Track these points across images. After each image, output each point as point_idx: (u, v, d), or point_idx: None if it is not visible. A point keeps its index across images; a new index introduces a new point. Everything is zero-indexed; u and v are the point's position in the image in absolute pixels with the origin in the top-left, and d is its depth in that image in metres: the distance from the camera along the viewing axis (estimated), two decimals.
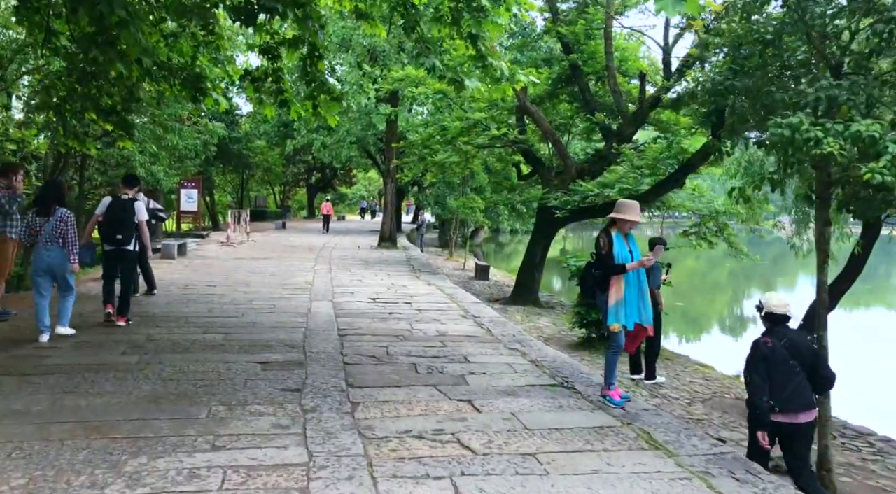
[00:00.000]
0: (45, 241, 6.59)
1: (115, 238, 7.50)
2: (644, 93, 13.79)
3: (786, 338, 4.49)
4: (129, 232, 7.57)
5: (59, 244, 6.61)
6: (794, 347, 4.45)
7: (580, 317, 10.34)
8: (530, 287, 14.74)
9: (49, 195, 6.85)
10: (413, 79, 14.80)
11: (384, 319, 8.49)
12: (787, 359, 4.41)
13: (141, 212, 7.85)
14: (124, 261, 7.72)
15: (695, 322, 18.98)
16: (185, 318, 8.13)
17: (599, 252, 5.08)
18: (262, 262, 15.60)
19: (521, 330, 8.17)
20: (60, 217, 6.64)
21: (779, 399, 4.40)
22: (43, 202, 6.74)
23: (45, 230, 6.59)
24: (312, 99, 9.21)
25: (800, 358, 4.44)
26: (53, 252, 6.61)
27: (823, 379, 4.56)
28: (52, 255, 6.61)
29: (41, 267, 6.62)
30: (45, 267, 6.62)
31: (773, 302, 4.66)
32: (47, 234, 6.59)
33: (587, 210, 13.69)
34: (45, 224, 6.60)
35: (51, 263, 6.62)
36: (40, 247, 6.61)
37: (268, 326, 7.80)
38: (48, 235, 6.58)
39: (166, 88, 10.37)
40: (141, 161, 15.31)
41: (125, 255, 7.67)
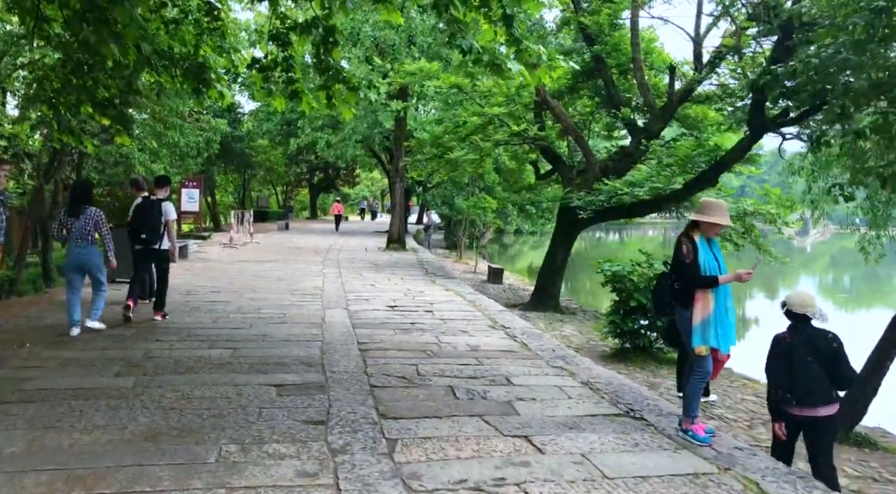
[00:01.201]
0: (76, 239, 6.90)
1: (139, 237, 7.83)
2: (673, 87, 13.01)
3: (805, 335, 4.59)
4: (154, 231, 7.86)
5: (88, 241, 6.92)
6: (812, 344, 4.54)
7: (615, 326, 9.57)
8: (551, 292, 13.96)
9: (78, 195, 7.14)
10: (427, 72, 14.02)
11: (406, 331, 7.70)
12: (806, 356, 4.51)
13: (169, 212, 8.07)
14: (157, 261, 8.07)
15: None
16: (188, 330, 7.35)
17: (681, 260, 4.28)
18: (268, 265, 14.83)
19: (560, 344, 7.38)
20: (90, 216, 6.96)
21: (798, 393, 4.52)
22: (73, 201, 7.08)
23: (76, 228, 6.90)
24: (326, 89, 8.44)
25: (818, 355, 4.52)
26: (83, 249, 6.91)
27: (843, 377, 4.58)
28: (82, 252, 6.91)
29: (72, 263, 6.94)
30: (76, 264, 6.94)
31: (794, 300, 4.73)
32: (77, 232, 6.90)
33: (613, 210, 12.92)
34: (75, 222, 6.91)
35: (81, 260, 6.93)
36: (71, 245, 6.94)
37: (279, 339, 7.02)
38: (78, 233, 6.90)
39: (167, 79, 9.63)
40: (140, 159, 14.53)
41: (156, 255, 7.98)
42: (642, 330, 9.53)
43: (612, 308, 9.75)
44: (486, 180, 24.03)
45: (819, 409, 4.52)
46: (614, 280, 9.39)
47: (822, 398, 4.52)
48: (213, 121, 18.21)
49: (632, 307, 9.33)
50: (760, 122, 11.05)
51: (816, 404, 4.51)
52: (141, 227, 7.81)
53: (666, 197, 12.41)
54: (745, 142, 11.52)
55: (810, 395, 4.50)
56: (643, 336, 9.62)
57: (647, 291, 9.30)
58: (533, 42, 6.84)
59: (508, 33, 6.69)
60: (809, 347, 4.53)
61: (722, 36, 12.44)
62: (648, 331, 9.63)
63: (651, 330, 9.62)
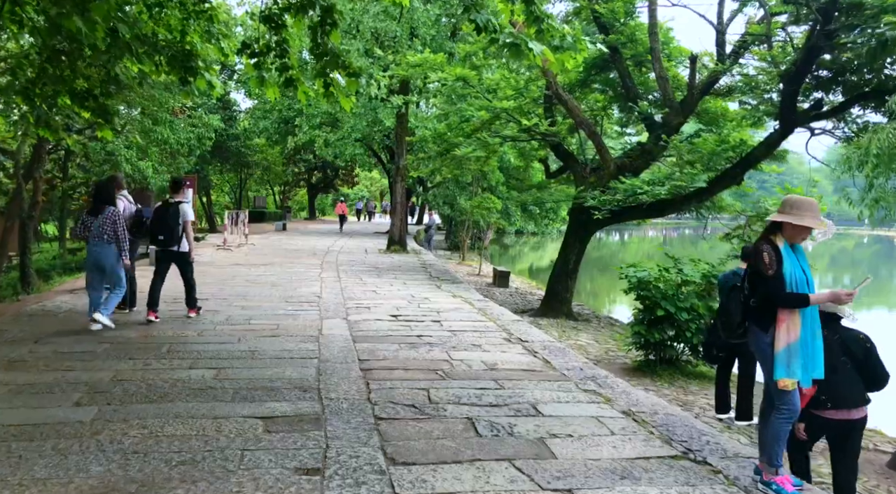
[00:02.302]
0: (94, 237, 7.06)
1: (157, 239, 7.89)
2: (694, 79, 12.21)
3: (838, 335, 4.38)
4: (171, 234, 7.87)
5: (104, 240, 7.03)
6: (845, 344, 4.37)
7: (639, 337, 8.75)
8: (563, 297, 13.15)
9: (100, 194, 7.31)
10: (431, 63, 13.20)
11: (413, 345, 6.89)
12: (840, 355, 4.32)
13: (187, 214, 8.08)
14: (177, 262, 8.05)
15: None
16: (168, 345, 6.53)
17: (761, 271, 3.47)
18: (262, 269, 14.00)
19: (587, 362, 6.56)
20: (108, 215, 7.10)
21: (833, 395, 4.26)
22: (95, 201, 7.24)
23: (94, 227, 7.06)
24: (324, 76, 7.64)
25: (850, 354, 4.35)
26: (100, 248, 7.03)
27: (877, 378, 4.39)
28: (99, 251, 7.03)
29: (90, 262, 7.14)
30: (94, 263, 7.10)
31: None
32: (95, 231, 7.04)
33: (631, 210, 12.12)
34: (93, 221, 7.08)
35: (98, 259, 7.05)
36: (89, 244, 7.12)
37: (271, 356, 6.21)
38: (96, 232, 7.04)
39: (150, 67, 8.83)
40: (127, 156, 13.71)
41: (176, 257, 7.99)
42: (669, 341, 8.72)
43: (635, 317, 8.94)
44: (490, 179, 23.19)
45: (853, 412, 4.32)
46: (639, 287, 8.58)
47: (857, 399, 4.34)
48: (205, 117, 17.37)
49: (658, 316, 8.52)
50: (791, 116, 10.28)
51: (852, 406, 4.31)
52: (158, 230, 7.87)
53: (687, 196, 11.61)
54: (775, 137, 10.74)
55: (847, 397, 4.30)
56: (669, 347, 8.81)
57: (675, 299, 8.50)
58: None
59: (528, 10, 5.88)
60: (842, 348, 4.37)
61: (747, 23, 11.65)
62: (675, 343, 8.83)
63: (678, 341, 8.81)
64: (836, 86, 10.07)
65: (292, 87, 8.01)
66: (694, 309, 8.53)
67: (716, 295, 8.93)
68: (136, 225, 8.30)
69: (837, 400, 4.27)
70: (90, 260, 7.15)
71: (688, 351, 8.99)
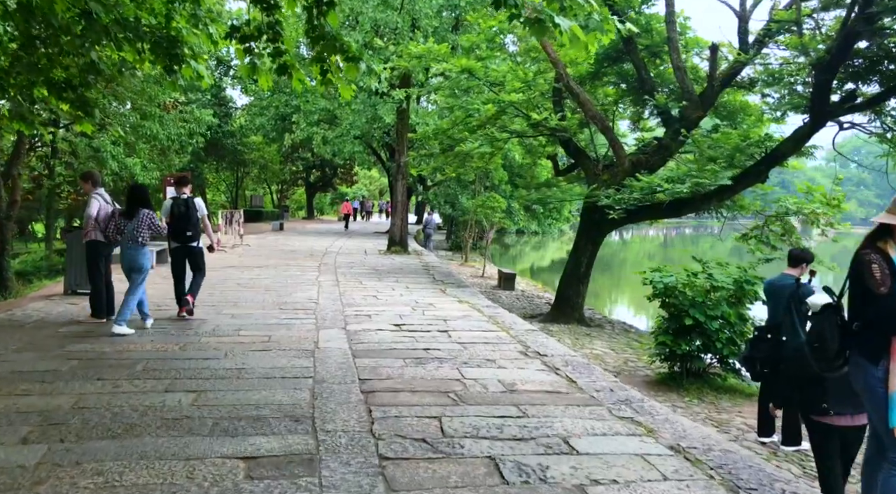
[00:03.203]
0: (127, 240, 7.09)
1: (184, 235, 7.90)
2: (714, 69, 11.49)
3: None
4: (196, 229, 7.99)
5: (138, 243, 7.07)
6: None
7: (664, 348, 8.05)
8: (574, 301, 12.44)
9: (134, 197, 7.26)
10: (434, 54, 12.47)
11: (420, 361, 6.16)
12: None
13: (202, 208, 8.16)
14: (193, 258, 8.10)
15: None
16: (145, 361, 5.81)
17: (870, 288, 2.74)
18: (256, 272, 13.27)
19: (616, 380, 5.84)
20: (142, 218, 7.10)
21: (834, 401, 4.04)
22: (129, 203, 7.21)
23: (127, 230, 7.09)
24: (321, 62, 6.93)
25: None
26: (134, 250, 7.06)
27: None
28: (133, 254, 7.06)
29: (125, 264, 7.08)
30: (128, 266, 7.07)
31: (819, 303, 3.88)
32: (129, 233, 7.07)
33: (648, 209, 11.40)
34: (127, 224, 7.10)
35: (132, 261, 7.05)
36: (122, 246, 7.14)
37: (260, 375, 5.48)
38: (129, 234, 7.07)
39: (131, 55, 8.14)
40: (113, 152, 12.95)
41: (193, 252, 8.07)
42: (696, 352, 8.02)
43: (659, 326, 8.23)
44: (494, 177, 22.48)
45: (857, 418, 4.12)
46: (665, 293, 7.87)
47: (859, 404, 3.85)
48: (197, 112, 16.62)
49: (685, 325, 7.81)
50: (824, 108, 9.56)
51: (855, 411, 4.09)
52: (186, 226, 7.87)
53: (707, 194, 10.90)
54: (804, 131, 10.04)
55: (848, 402, 4.00)
56: (697, 359, 8.10)
57: (703, 307, 7.80)
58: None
59: None
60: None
61: (772, 9, 10.93)
62: (703, 353, 8.12)
63: (706, 351, 8.11)
64: (871, 76, 9.36)
65: (286, 75, 7.30)
66: (724, 317, 7.84)
67: (748, 301, 8.24)
68: (114, 227, 7.59)
69: (838, 406, 4.07)
70: (125, 263, 7.10)
71: (716, 362, 8.30)
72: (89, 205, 7.59)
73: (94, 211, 7.52)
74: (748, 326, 8.09)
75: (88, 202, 7.66)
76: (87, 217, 7.53)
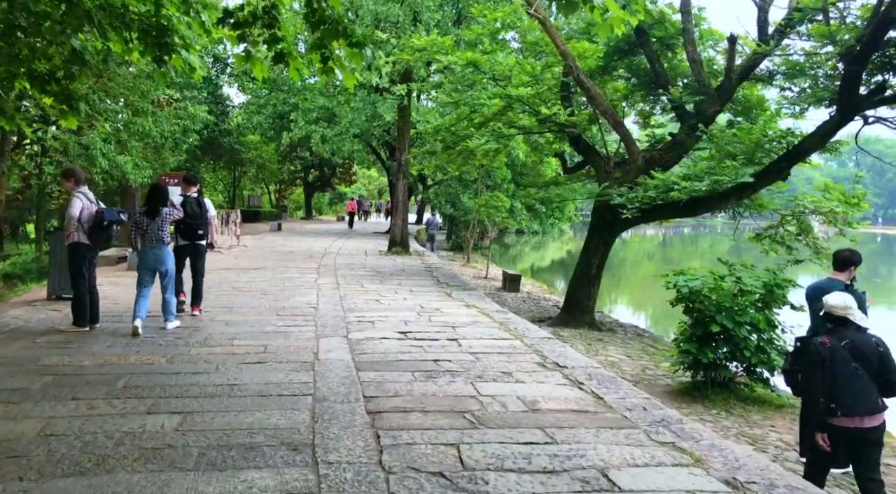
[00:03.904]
0: (150, 240, 7.04)
1: (197, 234, 8.08)
2: (732, 61, 10.97)
3: (847, 340, 4.22)
4: (207, 228, 8.24)
5: (163, 242, 7.08)
6: (856, 349, 4.19)
7: (687, 356, 7.52)
8: (584, 305, 11.91)
9: (155, 196, 7.18)
10: (439, 47, 11.94)
11: (430, 374, 5.63)
12: (850, 361, 4.16)
13: (211, 208, 8.39)
14: (195, 256, 8.21)
15: None
16: (127, 377, 5.27)
17: None
18: (253, 274, 12.73)
19: (648, 397, 5.30)
20: (165, 216, 7.11)
21: (842, 402, 4.14)
22: (151, 203, 7.10)
23: (150, 230, 7.02)
24: (321, 49, 6.39)
25: (864, 360, 4.16)
26: (159, 250, 7.07)
27: (892, 383, 4.18)
28: (158, 253, 7.06)
29: (148, 264, 7.06)
30: (152, 266, 7.06)
31: (832, 302, 4.39)
32: (153, 234, 7.02)
33: (662, 208, 10.88)
34: (150, 224, 7.03)
35: (157, 261, 7.06)
36: (146, 247, 7.06)
37: (254, 392, 4.95)
38: (154, 235, 7.02)
39: (118, 44, 7.63)
40: (103, 150, 12.39)
41: (197, 250, 8.21)
42: (723, 360, 7.49)
43: (683, 333, 7.69)
44: (497, 176, 21.95)
45: (866, 419, 4.19)
46: (690, 298, 7.34)
47: (870, 407, 4.18)
48: (191, 108, 16.06)
49: (711, 332, 7.28)
50: (853, 100, 9.04)
51: (863, 414, 4.17)
52: (200, 225, 8.06)
53: (725, 193, 10.37)
54: (830, 126, 9.52)
55: (858, 404, 4.16)
56: (723, 367, 7.57)
57: (731, 312, 7.27)
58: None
59: None
60: (853, 352, 4.21)
61: None
62: (729, 362, 7.59)
63: (732, 359, 7.58)
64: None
65: (283, 64, 6.77)
66: (753, 323, 7.31)
67: (777, 306, 7.72)
68: (97, 229, 7.07)
69: (847, 408, 4.13)
70: (148, 263, 7.07)
71: (742, 371, 7.77)
72: (71, 204, 7.05)
73: (77, 210, 6.98)
74: (777, 333, 7.58)
75: (70, 201, 7.12)
76: (69, 217, 7.00)
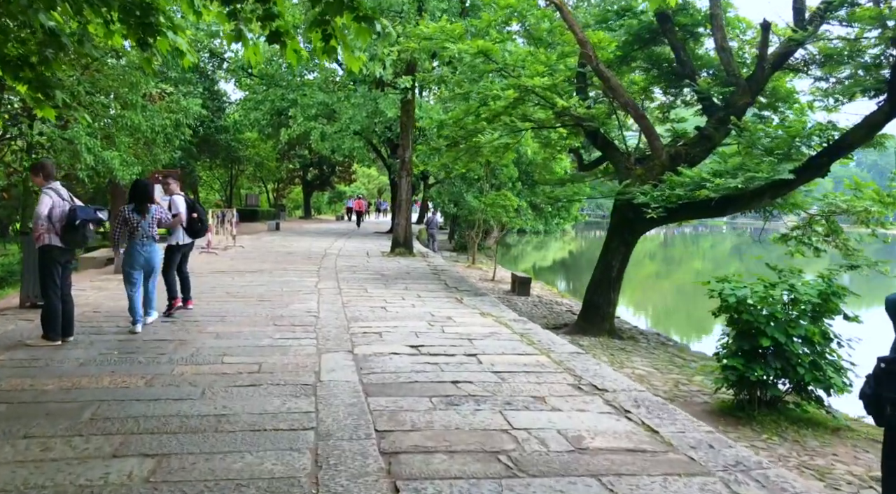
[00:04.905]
0: (141, 237, 6.89)
1: (199, 234, 8.27)
2: (765, 49, 10.19)
3: None
4: (203, 225, 8.32)
5: (154, 239, 6.99)
6: None
7: (731, 372, 6.72)
8: (604, 311, 11.12)
9: (145, 193, 7.04)
10: (448, 34, 11.14)
11: (451, 401, 4.84)
12: None
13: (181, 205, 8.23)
14: (187, 255, 8.41)
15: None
16: (96, 405, 4.47)
17: None
18: (249, 278, 11.93)
19: (711, 430, 4.51)
20: (154, 213, 7.01)
21: None
22: (140, 200, 6.94)
23: (142, 227, 6.87)
24: (323, 26, 5.60)
25: None
26: (150, 247, 6.97)
27: None
28: (150, 251, 6.98)
29: (139, 263, 6.91)
30: (145, 264, 6.96)
31: None
32: (143, 231, 6.88)
33: (691, 207, 10.10)
34: (141, 221, 6.87)
35: (150, 259, 6.98)
36: (136, 245, 6.89)
37: (245, 426, 4.15)
38: (144, 232, 6.88)
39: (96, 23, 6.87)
40: (88, 145, 11.58)
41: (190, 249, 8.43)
42: (772, 378, 6.70)
43: (726, 346, 6.90)
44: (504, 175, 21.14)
45: None
46: (737, 308, 6.55)
47: None
48: (183, 101, 15.24)
49: (760, 346, 6.50)
50: None
51: None
52: (204, 224, 8.26)
53: (760, 190, 9.60)
54: (879, 117, 8.75)
55: None
56: (771, 386, 6.78)
57: (784, 325, 6.48)
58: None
59: None
60: None
61: None
62: (779, 379, 6.80)
63: (782, 376, 6.78)
64: None
65: (279, 43, 5.98)
66: (807, 336, 6.53)
67: (830, 316, 6.93)
68: (70, 229, 6.27)
69: None
70: (139, 260, 6.93)
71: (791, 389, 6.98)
72: (39, 201, 6.24)
73: (45, 209, 6.18)
74: (832, 347, 6.79)
75: (39, 198, 6.31)
76: (37, 216, 6.19)
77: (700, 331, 18.72)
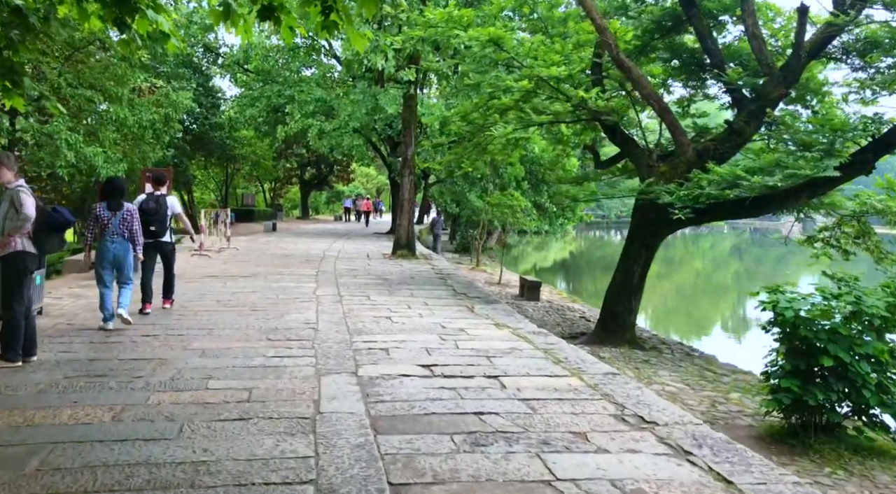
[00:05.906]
0: (111, 234, 6.90)
1: (149, 230, 7.84)
2: (802, 36, 9.41)
3: None
4: (162, 224, 8.13)
5: (124, 237, 6.94)
6: None
7: (786, 395, 5.93)
8: (625, 320, 10.33)
9: (116, 190, 7.06)
10: (457, 20, 10.35)
11: (477, 439, 4.04)
12: None
13: (175, 206, 8.40)
14: (163, 252, 8.33)
15: None
16: (48, 449, 3.67)
17: None
18: (242, 283, 11.12)
19: (798, 481, 3.72)
20: (127, 211, 7.00)
21: None
22: (112, 196, 6.98)
23: (113, 224, 6.90)
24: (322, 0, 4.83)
25: None
26: (120, 245, 6.93)
27: None
28: (119, 248, 6.93)
29: (108, 260, 6.91)
30: (112, 260, 6.93)
31: None
32: (115, 228, 6.90)
33: (723, 207, 9.33)
34: (112, 218, 6.90)
35: (116, 255, 6.92)
36: (106, 241, 6.89)
37: (228, 479, 3.36)
38: (115, 229, 6.90)
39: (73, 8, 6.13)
40: (69, 140, 10.75)
41: (163, 247, 8.28)
42: (833, 402, 5.91)
43: (779, 365, 6.11)
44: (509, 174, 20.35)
45: None
46: (794, 324, 5.76)
47: None
48: (173, 95, 14.42)
49: (821, 367, 5.72)
50: None
51: None
52: (150, 222, 7.92)
53: (798, 188, 8.83)
54: None
55: None
56: (831, 411, 6.00)
57: (848, 342, 5.70)
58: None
59: None
60: None
61: None
62: (839, 404, 6.01)
63: (842, 400, 5.99)
64: None
65: (271, 20, 5.19)
66: (875, 355, 5.74)
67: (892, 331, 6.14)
68: (48, 233, 5.49)
69: None
70: (108, 257, 6.90)
71: (851, 413, 6.19)
72: (23, 202, 5.41)
73: (32, 209, 5.39)
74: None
75: (19, 198, 5.46)
76: (26, 219, 5.38)
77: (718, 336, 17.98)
